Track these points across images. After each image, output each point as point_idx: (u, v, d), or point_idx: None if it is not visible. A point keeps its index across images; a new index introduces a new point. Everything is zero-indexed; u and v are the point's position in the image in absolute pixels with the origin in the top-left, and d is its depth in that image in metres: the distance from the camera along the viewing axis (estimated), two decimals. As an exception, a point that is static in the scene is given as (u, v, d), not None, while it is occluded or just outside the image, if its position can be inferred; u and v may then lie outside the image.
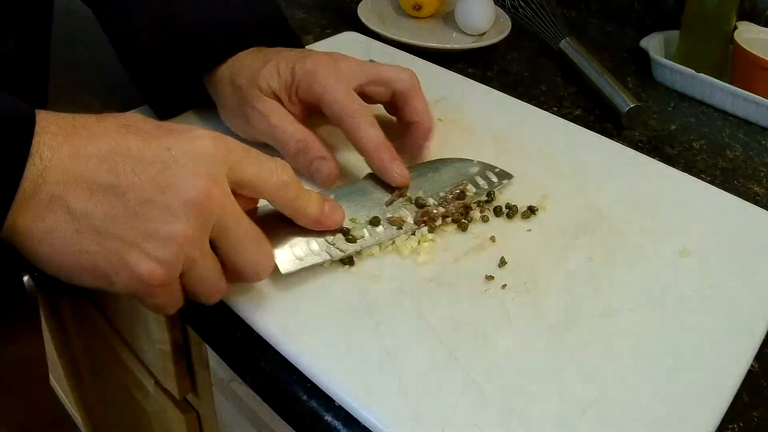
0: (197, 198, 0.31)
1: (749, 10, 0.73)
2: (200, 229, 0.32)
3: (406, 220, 0.43)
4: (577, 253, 0.44)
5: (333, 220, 0.40)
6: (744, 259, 0.45)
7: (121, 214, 0.30)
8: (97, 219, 0.30)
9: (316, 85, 0.44)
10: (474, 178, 0.48)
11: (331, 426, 0.34)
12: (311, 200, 0.38)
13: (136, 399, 0.74)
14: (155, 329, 0.56)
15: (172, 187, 0.31)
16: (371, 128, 0.44)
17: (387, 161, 0.44)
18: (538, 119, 0.58)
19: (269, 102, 0.46)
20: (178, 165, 0.31)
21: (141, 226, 0.30)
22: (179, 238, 0.31)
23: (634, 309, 0.40)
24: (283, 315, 0.38)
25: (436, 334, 0.37)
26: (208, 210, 0.32)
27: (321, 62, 0.45)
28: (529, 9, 0.78)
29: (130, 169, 0.30)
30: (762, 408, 0.38)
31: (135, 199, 0.30)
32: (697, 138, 0.64)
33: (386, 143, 0.44)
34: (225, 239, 0.33)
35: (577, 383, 0.36)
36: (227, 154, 0.33)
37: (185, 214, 0.31)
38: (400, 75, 0.47)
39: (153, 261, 0.31)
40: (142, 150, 0.31)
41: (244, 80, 0.46)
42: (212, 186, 0.32)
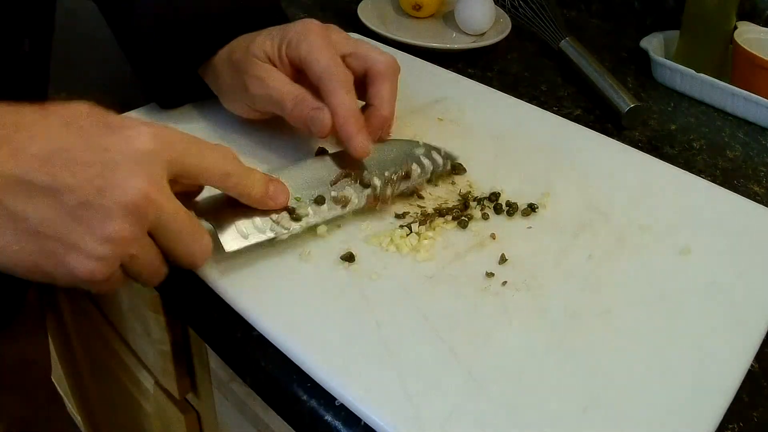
0: (134, 200, 0.32)
1: (749, 10, 0.73)
2: (137, 228, 0.33)
3: (351, 199, 0.44)
4: (577, 251, 0.44)
5: (278, 200, 0.41)
6: (744, 257, 0.45)
7: (58, 216, 0.31)
8: (35, 221, 0.31)
9: (303, 43, 0.45)
10: (419, 158, 0.48)
11: (331, 426, 0.34)
12: (256, 181, 0.39)
13: (136, 399, 0.74)
14: (155, 329, 0.56)
15: (109, 189, 0.31)
16: (347, 94, 0.45)
17: (353, 129, 0.44)
18: (538, 119, 0.58)
19: (264, 66, 0.47)
20: (116, 166, 0.32)
21: (78, 227, 0.31)
22: (117, 239, 0.32)
23: (634, 307, 0.40)
24: (283, 313, 0.38)
25: (436, 332, 0.37)
26: (145, 210, 0.32)
27: (311, 26, 0.47)
28: (529, 9, 0.78)
29: (68, 171, 0.31)
30: (762, 408, 0.38)
31: (72, 201, 0.31)
32: (697, 138, 0.64)
33: (357, 112, 0.45)
34: (162, 233, 0.34)
35: (577, 381, 0.35)
36: (167, 150, 0.34)
37: (122, 216, 0.32)
38: (380, 57, 0.48)
39: (91, 260, 0.31)
40: (81, 151, 0.31)
41: (240, 53, 0.47)
42: (149, 186, 0.32)
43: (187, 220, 0.35)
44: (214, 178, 0.37)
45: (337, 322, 0.38)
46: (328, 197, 0.43)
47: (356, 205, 0.44)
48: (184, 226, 0.35)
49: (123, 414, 0.84)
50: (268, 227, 0.41)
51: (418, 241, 0.43)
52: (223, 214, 0.40)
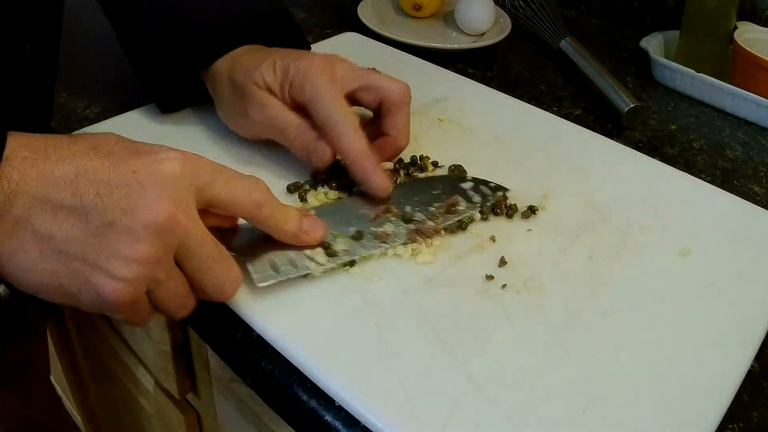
0: (160, 221, 0.31)
1: (749, 10, 0.73)
2: (163, 251, 0.32)
3: (392, 234, 0.42)
4: (577, 253, 0.44)
5: (313, 236, 0.40)
6: (744, 258, 0.45)
7: (84, 235, 0.31)
8: (61, 241, 0.31)
9: (307, 86, 0.45)
10: (466, 192, 0.47)
11: (331, 426, 0.34)
12: (288, 216, 0.38)
13: (136, 399, 0.74)
14: (155, 329, 0.56)
15: (136, 210, 0.31)
16: (356, 136, 0.44)
17: (369, 170, 0.44)
18: (538, 119, 0.58)
19: (266, 95, 0.46)
20: (143, 188, 0.32)
21: (104, 247, 0.31)
22: (141, 260, 0.31)
23: (634, 308, 0.40)
24: (283, 315, 0.38)
25: (436, 334, 0.37)
26: (171, 233, 0.32)
27: (315, 63, 0.45)
28: (529, 9, 0.78)
29: (94, 192, 0.31)
30: (762, 408, 0.38)
31: (98, 222, 0.31)
32: (697, 138, 0.64)
33: (368, 152, 0.44)
34: (189, 261, 0.34)
35: (577, 382, 0.35)
36: (195, 177, 0.34)
37: (147, 237, 0.31)
38: (393, 86, 0.47)
39: (116, 281, 0.31)
40: (108, 173, 0.32)
41: (241, 77, 0.47)
42: (176, 209, 0.32)
43: (215, 248, 0.35)
44: (245, 208, 0.36)
45: (337, 324, 0.38)
46: (367, 232, 0.42)
47: (398, 241, 0.42)
48: (212, 254, 0.34)
49: (123, 414, 0.84)
50: (302, 263, 0.39)
51: (418, 246, 0.43)
52: (255, 249, 0.39)
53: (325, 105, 0.44)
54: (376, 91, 0.47)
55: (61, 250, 0.31)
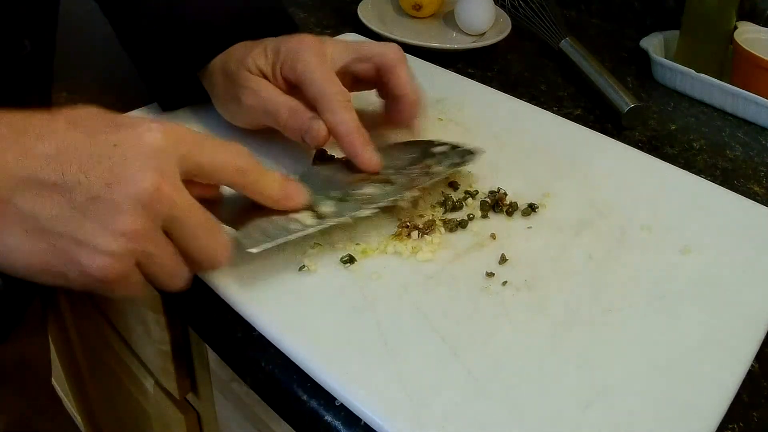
0: (145, 193, 0.31)
1: (749, 10, 0.73)
2: (150, 222, 0.32)
3: (375, 196, 0.42)
4: (577, 251, 0.44)
5: (296, 200, 0.40)
6: (745, 257, 0.45)
7: (68, 212, 0.30)
8: (45, 219, 0.30)
9: (298, 64, 0.45)
10: (438, 156, 0.47)
11: (331, 426, 0.34)
12: (272, 181, 0.38)
13: (136, 399, 0.74)
14: (155, 329, 0.56)
15: (119, 182, 0.31)
16: (346, 112, 0.44)
17: (358, 145, 0.44)
18: (538, 119, 0.58)
19: (257, 79, 0.46)
20: (125, 160, 0.31)
21: (89, 223, 0.31)
22: (128, 233, 0.31)
23: (635, 307, 0.40)
24: (283, 313, 0.38)
25: (436, 331, 0.37)
26: (157, 203, 0.32)
27: (306, 42, 0.46)
28: (529, 9, 0.78)
29: (76, 167, 0.31)
30: (762, 408, 0.38)
31: (82, 197, 0.30)
32: (697, 138, 0.64)
33: (359, 127, 0.44)
34: (177, 230, 0.34)
35: (577, 381, 0.35)
36: (178, 145, 0.33)
37: (133, 209, 0.31)
38: (384, 49, 0.48)
39: (104, 256, 0.31)
40: (89, 147, 0.31)
41: (233, 65, 0.47)
42: (160, 180, 0.32)
43: (202, 215, 0.34)
44: (229, 176, 0.36)
45: (337, 322, 0.38)
46: (349, 197, 0.42)
47: (381, 202, 0.42)
48: (199, 222, 0.34)
49: (123, 414, 0.84)
50: (290, 226, 0.39)
51: (418, 244, 0.43)
52: (242, 217, 0.39)
53: (315, 80, 0.44)
54: (369, 59, 0.48)
55: (46, 229, 0.30)
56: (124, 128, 0.32)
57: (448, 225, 0.44)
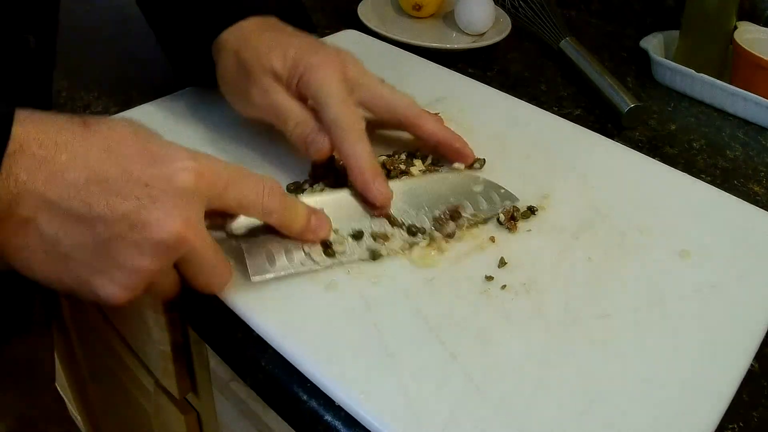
0: (168, 240, 0.32)
1: (749, 10, 0.73)
2: (165, 264, 0.33)
3: (390, 237, 0.42)
4: (576, 254, 0.44)
5: (318, 235, 0.40)
6: (744, 259, 0.45)
7: (90, 243, 0.31)
8: (66, 246, 0.31)
9: (314, 83, 0.44)
10: (476, 197, 0.46)
11: (331, 426, 0.34)
12: (298, 214, 0.39)
13: (136, 399, 0.74)
14: (155, 329, 0.56)
15: (144, 226, 0.31)
16: (358, 143, 0.43)
17: (368, 179, 0.43)
18: (538, 119, 0.58)
19: (271, 81, 0.46)
20: (154, 204, 0.31)
21: (108, 258, 0.31)
22: (144, 272, 0.32)
23: (634, 309, 0.40)
24: (282, 315, 0.38)
25: (435, 335, 0.37)
26: (177, 248, 0.33)
27: (327, 62, 0.45)
28: (529, 9, 0.78)
29: (104, 202, 0.31)
30: (762, 408, 0.38)
31: (106, 233, 0.31)
32: (697, 138, 0.64)
33: (370, 160, 0.43)
34: (186, 266, 0.35)
35: (575, 384, 0.35)
36: (209, 188, 0.34)
37: (153, 253, 0.32)
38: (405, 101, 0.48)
39: (116, 287, 0.32)
40: (120, 183, 0.31)
41: (249, 56, 0.46)
42: (185, 229, 0.32)
43: (212, 255, 0.35)
44: (256, 214, 0.37)
45: (336, 326, 0.38)
46: (367, 233, 0.42)
47: (395, 246, 0.42)
48: (208, 261, 0.35)
49: (123, 414, 0.84)
50: (299, 260, 0.39)
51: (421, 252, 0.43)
52: (255, 238, 0.39)
53: (332, 107, 0.44)
54: (387, 109, 0.48)
55: (67, 255, 0.31)
56: (158, 164, 0.32)
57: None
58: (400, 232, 0.43)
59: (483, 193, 0.46)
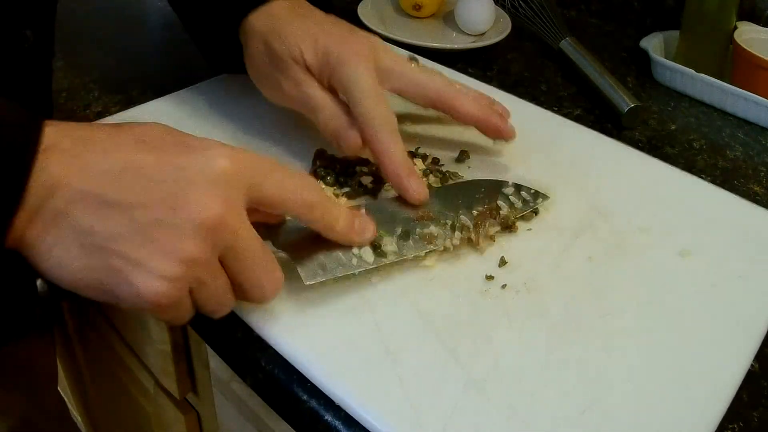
0: (208, 221, 0.30)
1: (749, 10, 0.73)
2: (209, 250, 0.31)
3: (436, 236, 0.42)
4: (577, 253, 0.44)
5: (363, 236, 0.39)
6: (744, 259, 0.45)
7: (127, 232, 0.30)
8: (103, 236, 0.29)
9: (345, 77, 0.44)
10: (508, 197, 0.46)
11: (331, 426, 0.34)
12: (340, 216, 0.37)
13: (136, 399, 0.74)
14: (155, 329, 0.56)
15: (184, 207, 0.30)
16: (393, 141, 0.43)
17: (404, 177, 0.43)
18: (538, 119, 0.58)
19: (302, 73, 0.45)
20: (192, 185, 0.30)
21: (148, 245, 0.30)
22: (187, 259, 0.30)
23: (634, 309, 0.40)
24: (282, 315, 0.38)
25: (436, 334, 0.37)
26: (219, 234, 0.31)
27: (359, 54, 0.44)
28: (529, 9, 0.78)
29: (140, 188, 0.30)
30: (762, 408, 0.38)
31: (143, 218, 0.30)
32: (697, 138, 0.64)
33: (405, 159, 0.43)
34: (233, 261, 0.33)
35: (576, 383, 0.35)
36: (246, 174, 0.32)
37: (194, 236, 0.30)
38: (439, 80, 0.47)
39: (158, 280, 0.30)
40: (155, 169, 0.30)
41: (279, 46, 0.45)
42: (225, 210, 0.31)
43: (260, 250, 0.34)
44: (296, 208, 0.35)
45: (337, 325, 0.38)
46: (413, 233, 0.41)
47: (443, 242, 0.42)
48: (257, 256, 0.33)
49: (123, 414, 0.84)
50: (348, 260, 0.38)
51: None
52: (302, 247, 0.38)
53: (364, 102, 0.43)
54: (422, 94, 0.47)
55: (103, 246, 0.29)
56: (193, 151, 0.31)
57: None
58: (445, 229, 0.42)
59: (514, 194, 0.46)
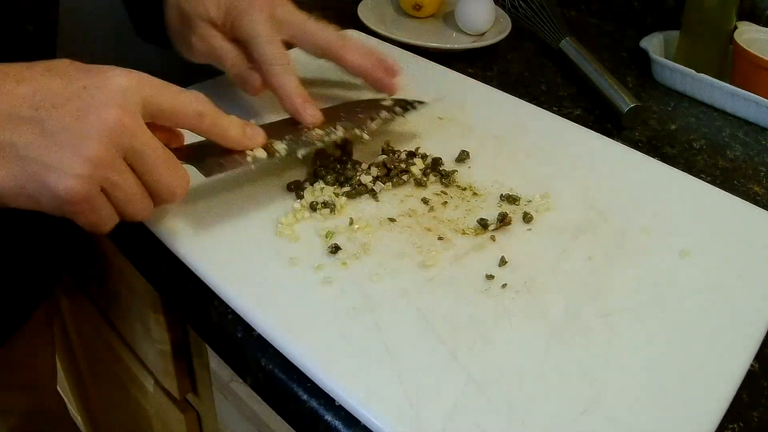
0: (109, 124, 0.35)
1: (749, 10, 0.73)
2: (113, 151, 0.35)
3: (323, 133, 0.47)
4: (577, 253, 0.44)
5: (254, 141, 0.43)
6: (744, 259, 0.45)
7: (41, 140, 0.34)
8: (21, 147, 0.34)
9: (244, 24, 0.48)
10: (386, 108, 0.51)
11: (331, 426, 0.34)
12: (231, 123, 0.42)
13: (136, 399, 0.74)
14: (155, 329, 0.56)
15: (87, 116, 0.35)
16: (286, 75, 0.48)
17: (299, 104, 0.48)
18: (538, 119, 0.58)
19: (208, 27, 0.50)
20: (93, 98, 0.35)
21: (59, 149, 0.34)
22: (93, 159, 0.35)
23: (634, 309, 0.40)
24: (283, 314, 0.38)
25: (436, 334, 0.37)
26: (120, 135, 0.35)
27: (255, 5, 0.49)
28: (529, 9, 0.78)
29: (50, 104, 0.34)
30: (762, 408, 0.38)
31: (53, 127, 0.34)
32: (697, 138, 0.64)
33: (298, 88, 0.48)
34: (139, 163, 0.37)
35: (576, 383, 0.35)
36: (141, 88, 0.37)
37: (98, 138, 0.35)
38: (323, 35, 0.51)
39: (71, 179, 0.34)
40: (62, 89, 0.35)
41: (187, 6, 0.50)
42: (123, 114, 0.35)
43: (161, 150, 0.38)
44: (189, 118, 0.39)
45: (337, 324, 0.38)
46: (302, 138, 0.46)
47: (332, 136, 0.47)
48: (158, 155, 0.38)
49: (123, 414, 0.84)
50: (245, 159, 0.42)
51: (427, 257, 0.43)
52: (202, 155, 0.42)
53: (259, 44, 0.48)
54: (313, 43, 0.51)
55: (21, 155, 0.34)
56: (94, 73, 0.36)
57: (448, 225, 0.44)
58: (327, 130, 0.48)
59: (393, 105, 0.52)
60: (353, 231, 0.44)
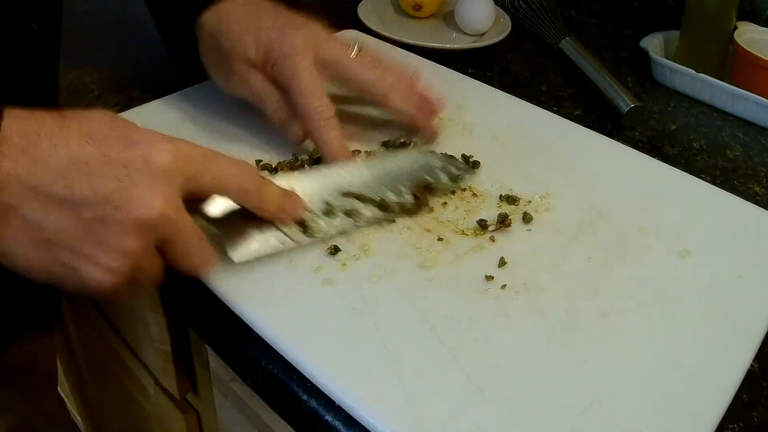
0: (149, 217, 0.32)
1: (749, 10, 0.73)
2: (149, 243, 0.34)
3: (362, 212, 0.44)
4: (576, 253, 0.44)
5: (292, 214, 0.41)
6: (744, 259, 0.45)
7: (74, 227, 0.31)
8: (51, 231, 0.31)
9: (285, 71, 0.46)
10: (435, 171, 0.47)
11: (331, 426, 0.34)
12: (273, 194, 0.40)
13: (136, 399, 0.74)
14: (155, 329, 0.56)
15: (127, 205, 0.32)
16: (330, 131, 0.46)
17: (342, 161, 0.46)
18: (538, 119, 0.58)
19: (248, 70, 0.48)
20: (134, 183, 0.32)
21: (93, 241, 0.32)
22: (129, 253, 0.33)
23: (634, 309, 0.40)
24: (283, 315, 0.38)
25: (435, 334, 0.37)
26: (159, 228, 0.33)
27: (297, 48, 0.46)
28: (529, 9, 0.78)
29: (86, 185, 0.31)
30: (762, 408, 0.38)
31: (89, 215, 0.31)
32: (697, 138, 0.64)
33: (342, 147, 0.46)
34: (169, 247, 0.35)
35: (576, 383, 0.35)
36: (186, 167, 0.34)
37: (137, 232, 0.32)
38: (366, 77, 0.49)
39: (103, 272, 0.32)
40: (100, 165, 0.32)
41: (226, 44, 0.48)
42: (165, 206, 0.33)
43: (194, 236, 0.36)
44: (232, 195, 0.38)
45: (336, 325, 0.38)
46: (338, 210, 0.43)
47: (368, 219, 0.44)
48: (190, 241, 0.36)
49: (123, 414, 0.84)
50: (278, 240, 0.40)
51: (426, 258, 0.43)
52: (232, 221, 0.40)
53: (301, 95, 0.46)
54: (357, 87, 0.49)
55: (51, 240, 0.31)
56: (135, 147, 0.33)
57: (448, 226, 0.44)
58: (371, 207, 0.44)
59: (442, 168, 0.48)
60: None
